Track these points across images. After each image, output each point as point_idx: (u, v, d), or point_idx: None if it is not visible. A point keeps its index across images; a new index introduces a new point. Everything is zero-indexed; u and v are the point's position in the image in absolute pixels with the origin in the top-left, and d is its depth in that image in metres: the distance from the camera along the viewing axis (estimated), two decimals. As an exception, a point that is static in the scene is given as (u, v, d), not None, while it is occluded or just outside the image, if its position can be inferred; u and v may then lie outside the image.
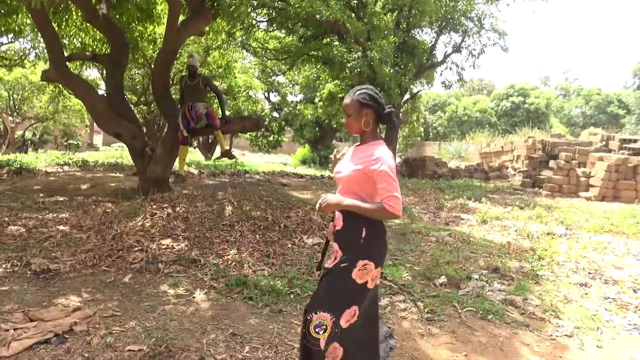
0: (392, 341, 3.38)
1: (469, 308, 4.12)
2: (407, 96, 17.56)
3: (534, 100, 37.38)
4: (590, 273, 5.51)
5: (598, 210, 9.99)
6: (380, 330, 3.42)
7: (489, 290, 4.58)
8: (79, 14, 8.72)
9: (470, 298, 4.36)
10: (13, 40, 13.16)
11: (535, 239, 7.11)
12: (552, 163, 14.36)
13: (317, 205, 2.47)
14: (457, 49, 16.86)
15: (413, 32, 16.50)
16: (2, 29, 8.79)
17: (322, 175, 18.59)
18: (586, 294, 4.84)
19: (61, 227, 5.94)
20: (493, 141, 21.70)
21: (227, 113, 25.16)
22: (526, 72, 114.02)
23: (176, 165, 8.57)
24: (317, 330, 2.38)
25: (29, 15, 7.79)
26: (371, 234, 2.40)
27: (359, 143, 2.57)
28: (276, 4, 13.16)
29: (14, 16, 8.06)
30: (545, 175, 14.20)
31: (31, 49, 16.08)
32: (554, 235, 7.45)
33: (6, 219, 6.20)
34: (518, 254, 6.06)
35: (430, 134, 38.29)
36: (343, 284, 2.40)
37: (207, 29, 10.73)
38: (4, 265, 4.62)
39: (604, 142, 15.21)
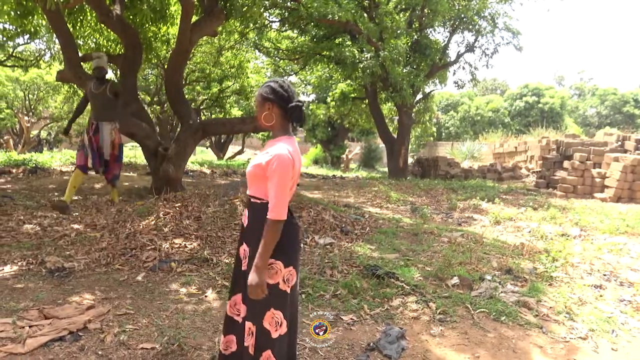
0: (403, 342, 3.37)
1: (482, 309, 4.09)
2: (419, 96, 17.52)
3: (548, 100, 37.04)
4: (605, 275, 5.44)
5: (613, 212, 9.87)
6: (392, 331, 3.42)
7: (501, 292, 4.54)
8: (94, 14, 8.81)
9: (482, 299, 4.33)
10: (29, 41, 13.33)
11: (549, 240, 7.04)
12: (566, 163, 14.22)
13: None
14: (470, 48, 16.79)
15: (426, 31, 16.44)
16: (18, 30, 8.91)
17: (334, 175, 18.60)
18: (601, 296, 4.78)
19: (75, 226, 6.00)
20: (506, 141, 21.54)
21: (239, 113, 25.26)
22: (540, 72, 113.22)
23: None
24: (246, 337, 2.33)
25: (45, 17, 7.89)
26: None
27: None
28: (288, 4, 13.20)
29: (30, 17, 8.16)
30: (560, 176, 14.06)
31: (46, 50, 16.29)
32: (568, 236, 7.37)
33: (22, 217, 6.29)
34: (531, 255, 6.01)
35: (443, 134, 38.10)
36: None
37: (219, 29, 10.77)
38: (19, 263, 4.68)
39: (619, 143, 15.02)
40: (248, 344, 2.32)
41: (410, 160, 20.51)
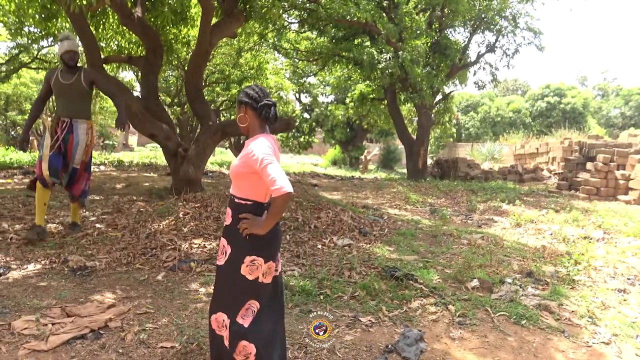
0: (422, 344, 3.35)
1: (502, 312, 4.04)
2: (439, 97, 17.39)
3: (570, 101, 36.46)
4: (629, 279, 5.33)
5: (637, 214, 9.67)
6: (411, 333, 3.40)
7: (522, 295, 4.48)
8: (116, 17, 8.93)
9: (503, 302, 4.28)
10: (53, 43, 13.57)
11: (571, 243, 6.93)
12: (589, 165, 13.99)
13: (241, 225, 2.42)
14: (490, 48, 16.62)
15: (445, 31, 16.33)
16: (43, 32, 9.07)
17: (352, 176, 18.56)
18: (625, 300, 4.69)
19: (97, 225, 6.09)
20: (527, 142, 21.26)
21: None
22: (563, 72, 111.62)
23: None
24: (219, 329, 2.44)
25: (68, 19, 8.02)
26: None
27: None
28: (307, 5, 13.21)
29: (54, 20, 8.30)
30: (582, 178, 13.84)
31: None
32: (591, 239, 7.25)
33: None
34: (553, 258, 5.92)
35: (463, 135, 37.75)
36: (232, 281, 2.40)
37: (239, 30, 10.85)
38: (43, 262, 4.77)
39: (644, 144, 14.72)
40: (222, 334, 2.44)
41: (429, 161, 20.37)
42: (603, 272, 5.51)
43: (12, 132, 26.72)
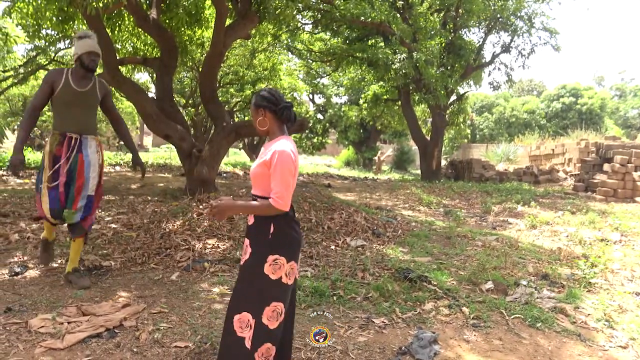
0: (436, 347, 3.33)
1: (517, 315, 4.00)
2: (453, 97, 17.31)
3: (586, 101, 36.04)
4: (647, 282, 5.25)
5: (656, 216, 9.52)
6: (424, 335, 3.38)
7: (537, 297, 4.43)
8: (131, 19, 9.02)
9: (518, 305, 4.24)
10: (69, 45, 13.72)
11: (587, 245, 6.84)
12: (606, 166, 13.81)
13: (208, 210, 2.44)
14: (506, 48, 16.50)
15: (460, 32, 16.25)
16: (60, 35, 9.18)
17: (365, 177, 18.54)
18: (643, 303, 4.62)
19: (112, 225, 6.15)
20: (543, 143, 21.06)
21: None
22: (579, 72, 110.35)
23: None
24: (242, 329, 2.39)
25: (85, 22, 8.12)
26: (279, 228, 2.40)
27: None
28: (321, 6, 13.22)
29: (71, 23, 8.40)
30: (599, 179, 13.66)
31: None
32: (608, 241, 7.15)
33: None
34: (569, 260, 5.85)
35: (477, 136, 37.50)
36: (256, 280, 2.40)
37: (253, 31, 10.89)
38: (59, 261, 4.83)
39: (663, 145, 14.49)
40: (244, 335, 2.39)
41: (443, 162, 20.27)
42: (620, 275, 5.43)
43: (30, 134, 27.10)
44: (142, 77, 27.31)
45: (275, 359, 2.48)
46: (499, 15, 15.38)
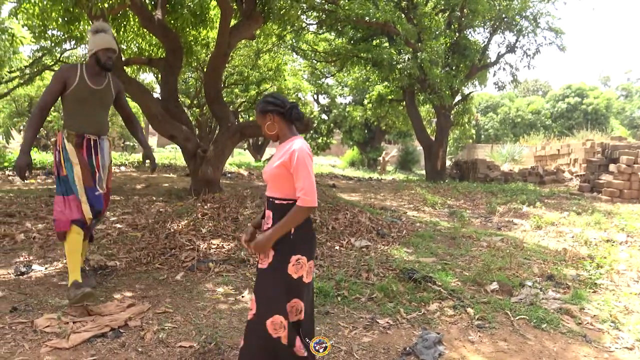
0: (440, 347, 3.32)
1: (522, 316, 3.99)
2: (458, 97, 17.26)
3: (592, 101, 35.87)
4: (653, 283, 5.22)
5: (662, 217, 9.47)
6: (429, 336, 3.37)
7: (543, 298, 4.42)
8: (136, 20, 9.04)
9: (523, 306, 4.23)
10: (75, 46, 13.79)
11: (593, 246, 6.81)
12: (612, 167, 13.75)
13: (250, 251, 2.53)
14: (511, 48, 16.44)
15: (465, 32, 16.20)
16: (65, 36, 9.22)
17: (370, 177, 18.52)
18: (649, 305, 4.59)
19: (118, 225, 6.17)
20: (548, 144, 20.99)
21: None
22: (585, 72, 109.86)
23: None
24: (277, 331, 2.40)
25: (90, 23, 8.15)
26: (300, 229, 2.44)
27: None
28: (326, 6, 13.23)
29: (76, 23, 8.43)
30: (605, 180, 13.60)
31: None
32: (613, 242, 7.11)
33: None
34: (575, 261, 5.82)
35: (482, 136, 37.40)
36: (279, 281, 2.43)
37: (257, 32, 10.89)
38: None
39: (669, 145, 14.41)
40: (279, 335, 2.41)
41: (448, 163, 20.22)
42: (626, 276, 5.40)
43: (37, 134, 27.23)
44: (147, 77, 27.38)
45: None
46: (504, 15, 15.33)
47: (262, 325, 2.41)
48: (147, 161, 4.38)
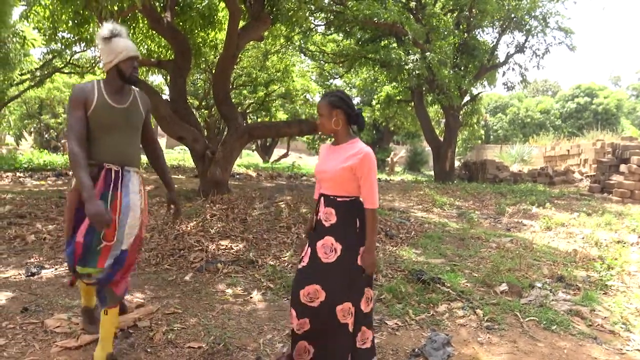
0: (449, 349, 3.31)
1: (532, 317, 3.97)
2: (467, 98, 17.18)
3: (602, 101, 35.58)
4: (665, 285, 5.17)
5: (674, 218, 9.36)
6: (438, 337, 3.36)
7: (553, 300, 4.39)
8: (145, 22, 9.09)
9: (532, 307, 4.20)
10: (85, 48, 13.89)
11: (604, 247, 6.76)
12: (622, 167, 13.62)
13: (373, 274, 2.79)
14: (520, 49, 16.34)
15: (474, 32, 16.12)
16: (75, 38, 9.29)
17: (378, 178, 18.49)
18: (661, 306, 4.55)
19: (127, 226, 6.19)
20: (558, 144, 20.83)
21: (285, 116, 25.32)
22: (595, 72, 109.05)
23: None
24: (345, 317, 2.58)
25: (100, 25, 8.20)
26: (362, 221, 2.61)
27: (333, 142, 2.76)
28: (334, 7, 13.22)
29: (86, 26, 8.50)
30: (616, 180, 13.48)
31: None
32: (624, 243, 7.05)
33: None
34: (585, 262, 5.78)
35: (491, 136, 37.22)
36: (352, 272, 2.59)
37: (266, 33, 10.92)
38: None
39: (681, 146, 14.25)
40: (347, 321, 2.59)
41: (457, 163, 20.13)
42: (637, 277, 5.35)
43: (46, 135, 27.48)
44: (156, 79, 27.51)
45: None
46: (513, 15, 15.23)
47: (333, 309, 2.57)
48: (172, 206, 3.46)
